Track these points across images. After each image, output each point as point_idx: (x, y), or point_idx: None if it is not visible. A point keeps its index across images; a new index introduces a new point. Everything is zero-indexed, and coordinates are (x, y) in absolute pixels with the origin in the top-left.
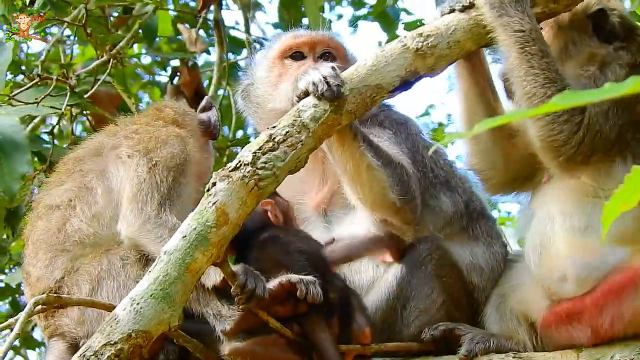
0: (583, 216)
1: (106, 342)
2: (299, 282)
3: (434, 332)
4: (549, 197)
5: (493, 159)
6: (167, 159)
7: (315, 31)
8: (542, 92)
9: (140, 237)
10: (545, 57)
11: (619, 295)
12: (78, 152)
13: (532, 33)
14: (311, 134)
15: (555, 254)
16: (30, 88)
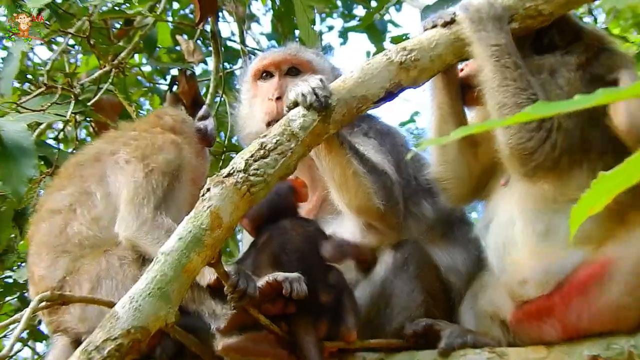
0: (543, 221)
1: (107, 337)
2: (284, 280)
3: (415, 328)
4: (508, 200)
5: (458, 168)
6: (163, 164)
7: (282, 50)
8: (513, 101)
9: (138, 238)
10: (519, 69)
11: (584, 291)
12: (79, 157)
13: (507, 47)
14: (300, 142)
15: (516, 259)
16: (36, 96)
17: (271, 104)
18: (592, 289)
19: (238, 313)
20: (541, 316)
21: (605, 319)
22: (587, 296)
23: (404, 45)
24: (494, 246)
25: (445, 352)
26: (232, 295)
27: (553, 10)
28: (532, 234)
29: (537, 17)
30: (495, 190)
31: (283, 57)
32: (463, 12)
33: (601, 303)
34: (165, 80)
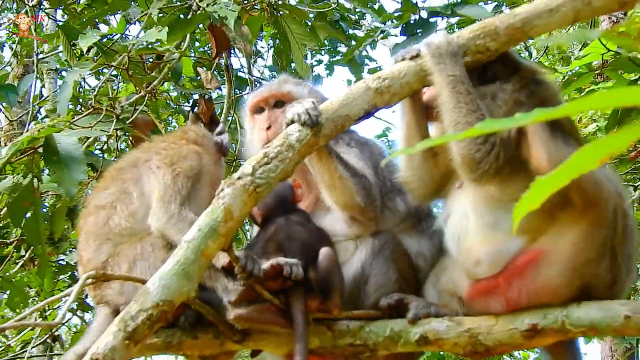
0: (492, 215)
1: (140, 308)
2: (285, 264)
3: (389, 301)
4: (462, 200)
5: (421, 173)
6: (187, 169)
7: (268, 86)
8: (465, 120)
9: (166, 229)
10: (470, 94)
11: (523, 273)
12: (120, 163)
13: (461, 77)
14: (296, 152)
15: (471, 244)
16: (86, 116)
17: (263, 133)
18: (529, 272)
19: (246, 289)
20: (489, 293)
21: (541, 296)
22: (525, 278)
23: (379, 75)
24: (452, 236)
25: (413, 320)
26: (241, 275)
27: (498, 47)
28: (483, 225)
29: (485, 52)
30: (451, 191)
31: (268, 94)
32: (426, 48)
33: (537, 284)
34: (188, 103)
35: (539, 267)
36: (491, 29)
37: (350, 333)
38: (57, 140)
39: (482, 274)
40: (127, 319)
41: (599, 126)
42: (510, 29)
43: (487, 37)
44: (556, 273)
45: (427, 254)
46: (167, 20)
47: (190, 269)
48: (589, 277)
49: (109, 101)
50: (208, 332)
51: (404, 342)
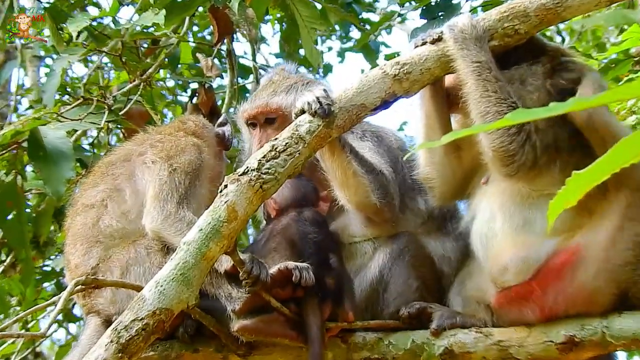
0: (521, 215)
1: (135, 317)
2: (294, 269)
3: (410, 310)
4: (488, 197)
5: (443, 169)
6: (185, 164)
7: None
8: (495, 109)
9: (162, 230)
10: (498, 81)
11: (559, 277)
12: (110, 157)
13: (487, 63)
14: (307, 145)
15: (498, 249)
16: (75, 107)
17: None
18: (566, 275)
19: (252, 297)
20: (521, 300)
21: (579, 302)
22: (562, 281)
23: (397, 60)
24: (478, 239)
25: (437, 331)
26: (246, 281)
27: (528, 30)
28: (511, 227)
29: (513, 35)
30: (476, 188)
31: (257, 111)
32: (448, 32)
33: (574, 287)
34: (187, 93)
35: (576, 267)
36: (520, 10)
37: (367, 346)
38: (43, 134)
39: (510, 281)
40: (120, 329)
41: (639, 118)
42: (541, 10)
43: (516, 19)
44: (594, 274)
45: (452, 257)
46: (164, 2)
47: (190, 274)
48: (626, 278)
49: (99, 91)
50: (209, 345)
51: (427, 355)
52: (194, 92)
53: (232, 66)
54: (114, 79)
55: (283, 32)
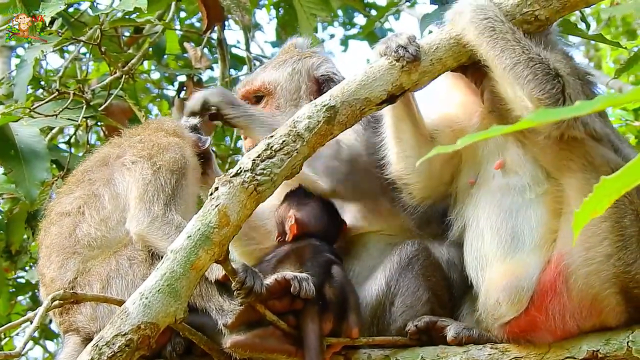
0: (509, 225)
1: (117, 332)
2: (292, 279)
3: (418, 324)
4: (475, 203)
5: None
6: (170, 162)
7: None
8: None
9: (149, 234)
10: (515, 33)
11: (554, 294)
12: (86, 163)
13: (500, 18)
14: (305, 143)
15: (489, 282)
16: (49, 102)
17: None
18: (561, 290)
19: (245, 309)
20: (528, 331)
21: (587, 314)
22: (560, 298)
23: None
24: (470, 261)
25: (455, 339)
26: (239, 291)
27: (549, 15)
28: (499, 245)
29: (533, 22)
30: (463, 189)
31: (244, 90)
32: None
33: (574, 300)
34: (173, 87)
35: (566, 279)
36: None
37: None
38: (15, 132)
39: (505, 315)
40: (101, 345)
41: None
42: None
43: (536, 4)
44: (584, 280)
45: (458, 262)
46: None
47: (177, 284)
48: (617, 273)
49: (77, 84)
50: None
51: None
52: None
53: (223, 56)
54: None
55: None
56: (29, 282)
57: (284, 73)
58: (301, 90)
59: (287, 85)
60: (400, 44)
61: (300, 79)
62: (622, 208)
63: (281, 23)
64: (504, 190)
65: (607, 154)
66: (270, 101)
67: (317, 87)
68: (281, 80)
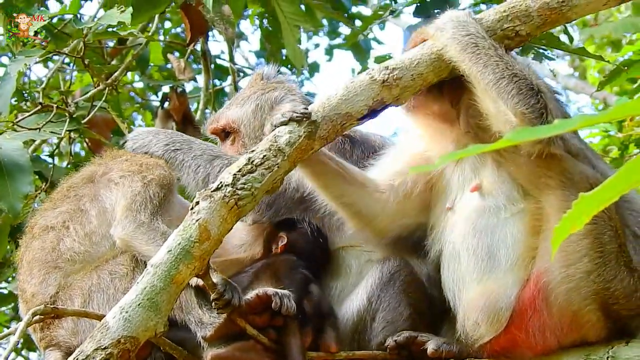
0: (484, 245)
1: (97, 346)
2: (274, 295)
3: (397, 339)
4: (451, 226)
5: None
6: (160, 177)
7: (214, 116)
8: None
9: (134, 238)
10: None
11: (534, 311)
12: (72, 180)
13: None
14: (287, 158)
15: (467, 301)
16: (33, 114)
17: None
18: (540, 308)
19: (225, 322)
20: (509, 349)
21: (568, 330)
22: (539, 316)
23: (386, 65)
24: (448, 283)
25: (436, 352)
26: (217, 303)
27: (530, 31)
28: (475, 265)
29: (514, 37)
30: (439, 215)
31: (212, 127)
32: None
33: (554, 317)
34: (157, 97)
35: (546, 296)
36: (521, 9)
37: None
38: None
39: (485, 336)
40: (81, 359)
41: None
42: (545, 10)
43: (517, 20)
44: (564, 297)
45: (437, 278)
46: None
47: (158, 299)
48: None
49: (60, 96)
50: None
51: None
52: (165, 96)
53: (207, 67)
54: (76, 83)
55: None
56: (12, 293)
57: (248, 110)
58: (265, 126)
59: (251, 123)
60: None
61: (264, 115)
62: (602, 225)
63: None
64: (479, 212)
65: (586, 170)
66: (236, 138)
67: None
68: (244, 118)
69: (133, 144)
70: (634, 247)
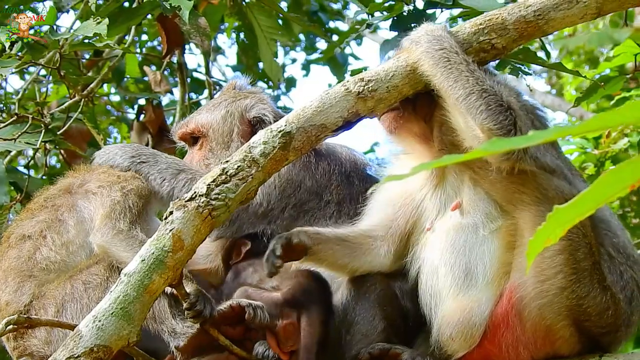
0: (462, 262)
1: (70, 355)
2: (247, 306)
3: (371, 351)
4: (431, 244)
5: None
6: (138, 188)
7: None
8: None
9: (112, 245)
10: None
11: (507, 327)
12: (49, 191)
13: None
14: (261, 169)
15: (442, 317)
16: (8, 125)
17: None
18: (513, 323)
19: (198, 333)
20: None
21: (541, 345)
22: (513, 331)
23: (361, 76)
24: (425, 299)
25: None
26: (189, 313)
27: (506, 44)
28: (454, 282)
29: (490, 50)
30: (419, 236)
31: (180, 132)
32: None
33: (527, 332)
34: (133, 110)
35: (519, 312)
36: (498, 22)
37: None
38: None
39: (459, 350)
40: None
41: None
42: (521, 23)
43: (493, 33)
44: (537, 313)
45: (411, 291)
46: (108, 9)
47: (131, 308)
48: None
49: (36, 107)
50: None
51: None
52: (141, 108)
53: (183, 80)
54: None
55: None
56: None
57: (217, 116)
58: (233, 133)
59: (220, 128)
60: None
61: (233, 121)
62: (577, 241)
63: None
64: (458, 229)
65: (561, 185)
66: (204, 143)
67: (249, 130)
68: (214, 123)
69: (99, 159)
70: (609, 267)
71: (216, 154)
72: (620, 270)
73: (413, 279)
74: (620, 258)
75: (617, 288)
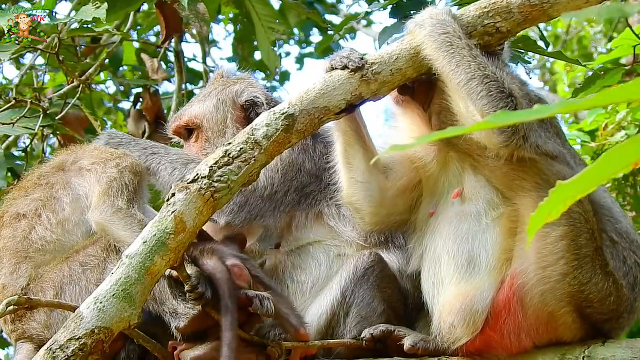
0: (465, 250)
1: (71, 337)
2: (255, 297)
3: (374, 332)
4: (433, 231)
5: (369, 190)
6: (133, 166)
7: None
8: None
9: (111, 223)
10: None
11: (509, 313)
12: (42, 169)
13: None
14: (263, 151)
15: (444, 304)
16: (5, 110)
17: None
18: (515, 310)
19: (199, 315)
20: (484, 350)
21: (543, 331)
22: (515, 318)
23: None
24: (427, 287)
25: (413, 348)
26: (190, 296)
27: (511, 28)
28: (457, 270)
29: (494, 34)
30: (422, 220)
31: (175, 125)
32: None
33: (529, 319)
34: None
35: (521, 298)
36: (502, 6)
37: None
38: None
39: (461, 338)
40: (55, 349)
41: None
42: (526, 7)
43: (498, 16)
44: (539, 299)
45: (410, 272)
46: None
47: (132, 290)
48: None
49: (34, 93)
50: None
51: None
52: (138, 96)
53: (180, 69)
54: (50, 81)
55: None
56: None
57: (210, 105)
58: (227, 120)
59: (214, 117)
60: (344, 56)
61: (226, 109)
62: (579, 227)
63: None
64: (461, 217)
65: (563, 171)
66: (200, 134)
67: (243, 115)
68: (207, 114)
69: (110, 138)
70: (611, 253)
71: (213, 143)
72: (623, 255)
73: (415, 266)
74: (623, 243)
75: (620, 274)
